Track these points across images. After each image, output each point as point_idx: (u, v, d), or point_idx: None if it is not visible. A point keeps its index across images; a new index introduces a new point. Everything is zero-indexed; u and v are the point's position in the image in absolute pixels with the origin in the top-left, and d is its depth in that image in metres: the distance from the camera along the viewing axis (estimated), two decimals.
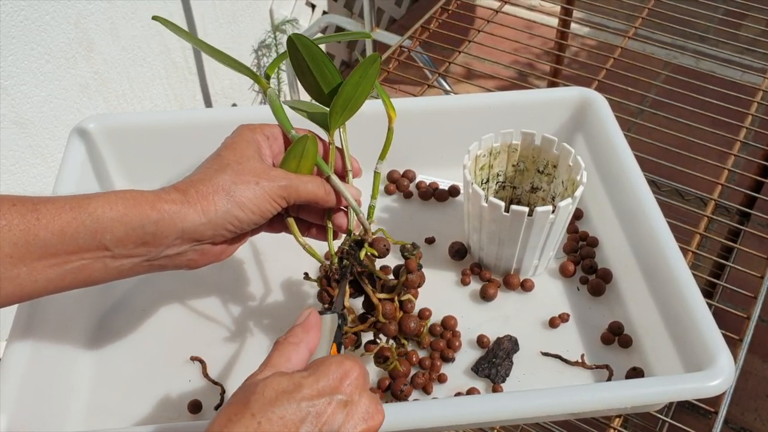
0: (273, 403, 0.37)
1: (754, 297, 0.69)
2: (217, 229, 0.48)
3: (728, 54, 0.99)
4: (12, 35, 1.09)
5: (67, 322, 0.59)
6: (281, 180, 0.50)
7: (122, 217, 0.45)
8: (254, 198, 0.48)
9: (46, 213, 0.43)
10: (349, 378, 0.39)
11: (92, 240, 0.44)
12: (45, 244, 0.43)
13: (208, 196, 0.47)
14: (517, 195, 0.69)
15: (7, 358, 0.52)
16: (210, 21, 1.49)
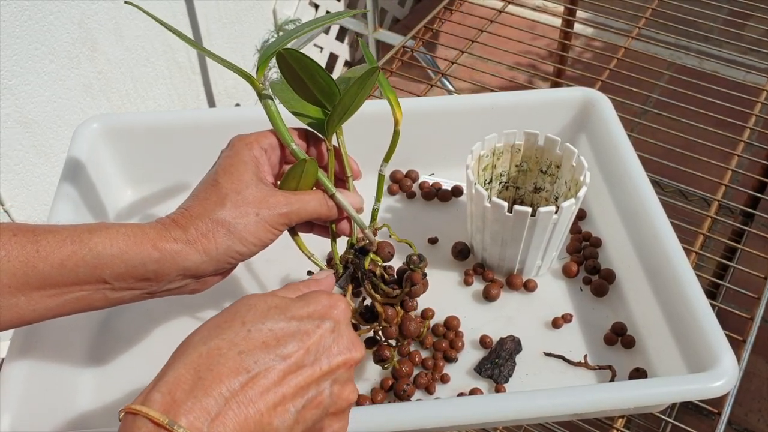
0: (264, 315, 0.38)
1: (758, 298, 0.69)
2: (219, 264, 0.48)
3: (732, 54, 0.99)
4: (16, 35, 1.09)
5: (72, 322, 0.59)
6: (282, 207, 0.49)
7: (123, 254, 0.44)
8: (255, 231, 0.48)
9: (46, 245, 0.43)
10: (336, 308, 0.41)
11: (92, 274, 0.44)
12: (44, 276, 0.43)
13: (209, 234, 0.46)
14: (520, 195, 0.69)
15: (11, 358, 0.52)
16: (213, 21, 1.49)
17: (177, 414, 0.33)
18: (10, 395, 0.50)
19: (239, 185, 0.48)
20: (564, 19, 1.20)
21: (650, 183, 0.63)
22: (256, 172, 0.50)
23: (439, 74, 0.99)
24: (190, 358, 0.36)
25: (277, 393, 0.36)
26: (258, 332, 0.37)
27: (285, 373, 0.37)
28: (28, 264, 0.42)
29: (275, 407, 0.36)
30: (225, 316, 0.38)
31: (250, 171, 0.49)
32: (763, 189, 0.86)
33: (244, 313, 0.38)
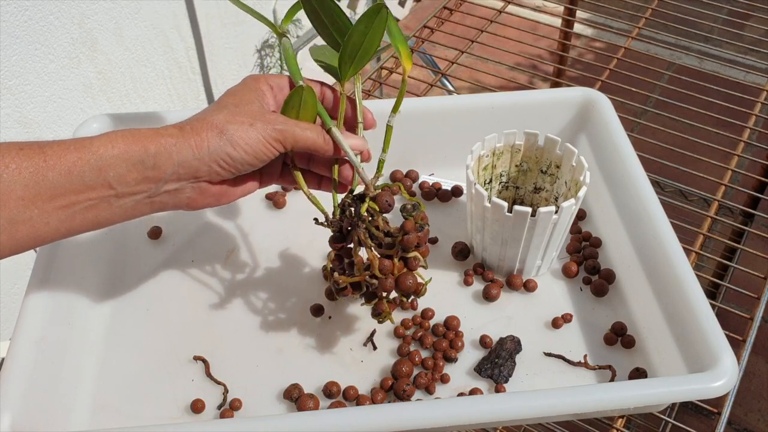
0: None
1: (758, 298, 0.69)
2: (211, 165, 0.49)
3: (732, 54, 0.99)
4: (16, 35, 1.09)
5: (71, 321, 0.59)
6: (277, 123, 0.50)
7: (123, 154, 0.46)
8: (247, 138, 0.49)
9: (53, 154, 0.45)
10: None
11: (97, 178, 0.46)
12: (53, 185, 0.44)
13: (201, 132, 0.48)
14: (520, 195, 0.69)
15: (11, 358, 0.52)
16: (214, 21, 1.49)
17: None
18: (10, 395, 0.50)
19: (240, 101, 0.51)
20: (564, 19, 1.20)
21: (650, 183, 0.63)
22: (259, 98, 0.52)
23: (439, 74, 0.99)
24: None
25: None
26: None
27: None
28: (38, 174, 0.44)
29: None
30: None
31: (254, 95, 0.52)
32: (763, 189, 0.86)
33: None
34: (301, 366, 0.59)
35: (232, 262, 0.67)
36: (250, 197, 0.72)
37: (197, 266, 0.67)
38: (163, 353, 0.60)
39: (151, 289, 0.65)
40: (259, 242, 0.69)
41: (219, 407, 0.56)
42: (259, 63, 1.69)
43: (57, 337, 0.56)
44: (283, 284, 0.65)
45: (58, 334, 0.56)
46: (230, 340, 0.61)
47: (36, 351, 0.53)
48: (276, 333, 0.61)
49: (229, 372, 0.58)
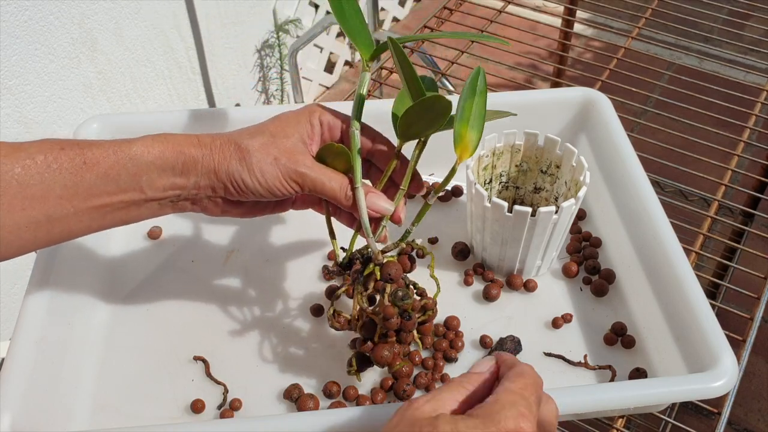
0: None
1: (758, 298, 0.69)
2: (226, 184, 0.50)
3: (732, 54, 0.99)
4: (16, 35, 1.09)
5: (71, 321, 0.59)
6: (302, 167, 0.50)
7: (158, 160, 0.48)
8: (266, 171, 0.50)
9: (92, 157, 0.47)
10: (529, 387, 0.36)
11: (131, 182, 0.48)
12: (90, 186, 0.47)
13: (227, 151, 0.50)
14: (520, 195, 0.69)
15: (11, 358, 0.52)
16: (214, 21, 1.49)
17: None
18: (10, 395, 0.50)
19: (279, 132, 0.51)
20: (564, 19, 1.20)
21: (650, 183, 0.63)
22: (302, 133, 0.52)
23: (439, 74, 0.99)
24: None
25: None
26: None
27: None
28: (77, 175, 0.46)
29: None
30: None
31: (299, 130, 0.52)
32: (763, 189, 0.86)
33: None
34: (301, 366, 0.59)
35: (232, 263, 0.67)
36: None
37: (197, 266, 0.67)
38: (163, 353, 0.60)
39: (151, 289, 0.65)
40: (259, 242, 0.69)
41: (219, 407, 0.56)
42: (259, 63, 1.69)
43: (57, 337, 0.56)
44: (283, 284, 0.65)
45: (58, 334, 0.56)
46: (230, 340, 0.61)
47: (36, 351, 0.53)
48: (276, 333, 0.61)
49: (229, 372, 0.58)
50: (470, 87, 0.52)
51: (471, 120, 0.51)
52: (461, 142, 0.51)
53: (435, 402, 0.36)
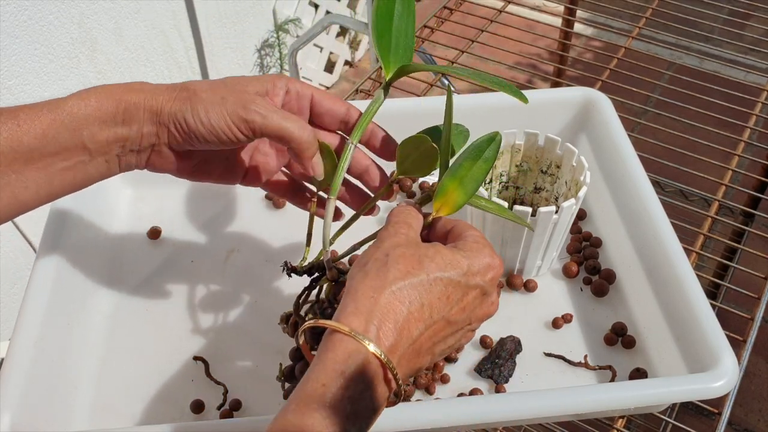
0: (442, 269, 0.42)
1: (758, 298, 0.69)
2: (168, 127, 0.46)
3: (732, 54, 0.99)
4: (15, 35, 1.09)
5: (71, 321, 0.59)
6: (252, 105, 0.46)
7: (96, 112, 0.45)
8: (210, 110, 0.46)
9: (26, 118, 0.44)
10: (493, 270, 0.44)
11: (72, 138, 0.45)
12: (30, 149, 0.44)
13: (173, 94, 0.46)
14: (520, 195, 0.69)
15: (11, 358, 0.52)
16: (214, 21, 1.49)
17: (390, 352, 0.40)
18: (10, 395, 0.50)
19: (240, 80, 0.48)
20: (564, 19, 1.20)
21: (650, 183, 0.63)
22: (262, 87, 0.49)
23: (439, 74, 0.99)
24: (386, 299, 0.40)
25: (435, 342, 0.43)
26: (436, 285, 0.42)
27: (444, 327, 0.43)
28: (13, 139, 0.44)
29: (430, 349, 0.43)
30: (410, 263, 0.42)
31: (259, 83, 0.49)
32: (763, 189, 0.86)
33: (426, 265, 0.42)
34: None
35: (232, 263, 0.67)
36: (250, 197, 0.72)
37: (197, 266, 0.67)
38: (163, 354, 0.60)
39: (151, 289, 0.65)
40: (259, 242, 0.69)
41: (219, 407, 0.56)
42: (259, 62, 1.69)
43: (57, 337, 0.56)
44: (283, 284, 0.65)
45: (58, 334, 0.56)
46: (230, 340, 0.61)
47: (36, 351, 0.53)
48: (276, 333, 0.61)
49: (229, 372, 0.58)
50: (477, 149, 0.48)
51: (464, 180, 0.47)
52: (443, 196, 0.47)
53: (410, 228, 0.45)
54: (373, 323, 0.39)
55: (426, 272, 0.41)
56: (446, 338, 0.44)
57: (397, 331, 0.40)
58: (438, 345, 0.43)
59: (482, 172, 0.48)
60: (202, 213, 0.71)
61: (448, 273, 0.42)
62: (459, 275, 0.42)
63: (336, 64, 1.95)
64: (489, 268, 0.44)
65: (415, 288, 0.41)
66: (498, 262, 0.44)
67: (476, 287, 0.43)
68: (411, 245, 0.43)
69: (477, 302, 0.44)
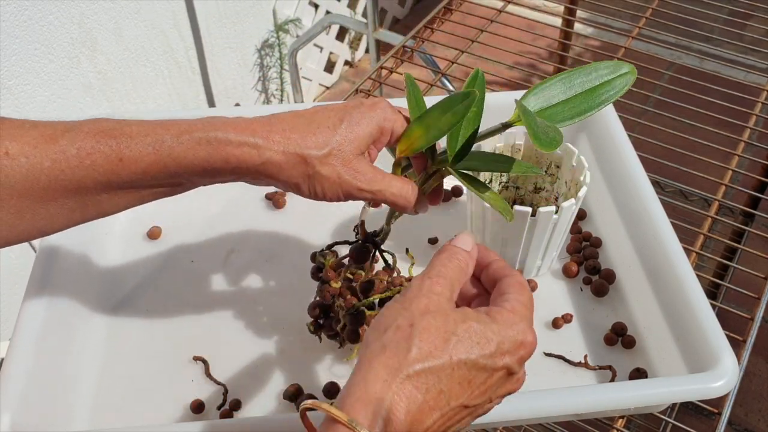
0: (468, 350, 0.38)
1: (758, 298, 0.69)
2: (279, 186, 0.48)
3: (733, 54, 0.99)
4: (15, 35, 1.09)
5: (71, 321, 0.59)
6: (361, 181, 0.47)
7: (203, 163, 0.45)
8: (327, 189, 0.47)
9: (130, 155, 0.44)
10: (525, 348, 0.40)
11: (172, 179, 0.46)
12: (127, 181, 0.45)
13: (290, 162, 0.46)
14: (520, 195, 0.69)
15: (11, 358, 0.52)
16: (213, 21, 1.49)
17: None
18: (10, 395, 0.50)
19: (348, 142, 0.47)
20: (564, 19, 1.20)
21: (650, 183, 0.63)
22: (369, 140, 0.49)
23: (439, 74, 0.99)
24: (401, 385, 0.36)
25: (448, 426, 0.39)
26: (459, 372, 0.38)
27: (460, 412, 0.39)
28: (112, 173, 0.44)
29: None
30: (437, 339, 0.38)
31: (368, 139, 0.48)
32: (763, 189, 0.86)
33: (452, 347, 0.38)
34: (301, 366, 0.59)
35: (232, 263, 0.67)
36: (250, 197, 0.72)
37: (197, 266, 0.66)
38: (163, 354, 0.60)
39: (151, 289, 0.65)
40: (259, 242, 0.68)
41: (219, 407, 0.56)
42: (259, 62, 1.69)
43: (57, 337, 0.56)
44: (283, 284, 0.65)
45: (58, 335, 0.56)
46: (230, 341, 0.61)
47: (36, 351, 0.53)
48: (276, 333, 0.61)
49: (229, 372, 0.58)
50: (450, 101, 0.48)
51: (429, 128, 0.48)
52: (408, 139, 0.49)
53: (449, 287, 0.41)
54: (381, 415, 0.36)
55: (450, 354, 0.37)
56: (461, 420, 0.40)
57: (407, 422, 0.36)
58: (451, 428, 0.39)
59: (448, 124, 0.47)
60: (202, 213, 0.71)
61: (475, 354, 0.38)
62: (486, 357, 0.38)
63: (336, 64, 1.94)
64: (521, 347, 0.40)
65: (435, 373, 0.37)
66: (532, 339, 0.40)
67: (503, 368, 0.39)
68: (441, 314, 0.39)
69: (501, 382, 0.40)
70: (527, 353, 0.40)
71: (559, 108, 0.51)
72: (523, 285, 0.42)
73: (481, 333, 0.38)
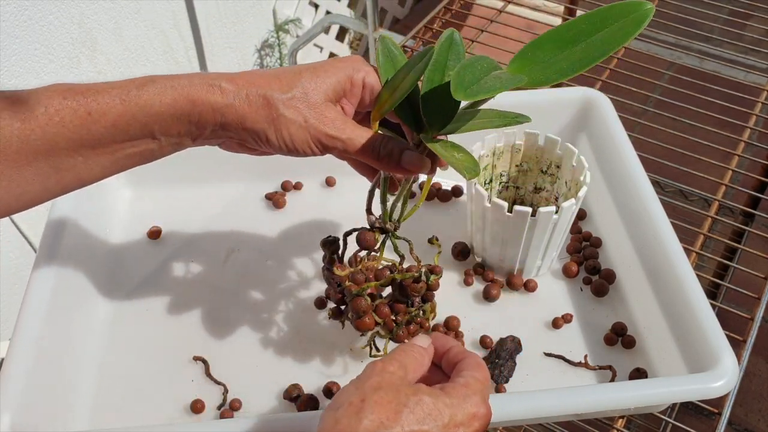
0: (421, 421, 0.38)
1: (758, 298, 0.69)
2: (246, 138, 0.47)
3: (732, 54, 0.99)
4: (15, 35, 1.09)
5: (71, 321, 0.59)
6: (331, 128, 0.47)
7: (170, 109, 0.45)
8: (293, 135, 0.47)
9: (97, 107, 0.44)
10: (478, 420, 0.41)
11: (142, 131, 0.45)
12: (98, 137, 0.44)
13: (253, 106, 0.46)
14: (520, 195, 0.69)
15: (11, 358, 0.52)
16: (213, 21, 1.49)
17: None
18: (10, 395, 0.50)
19: (313, 86, 0.47)
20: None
21: (650, 183, 0.63)
22: (339, 90, 0.48)
23: None
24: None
25: None
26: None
27: None
28: (82, 127, 0.44)
29: None
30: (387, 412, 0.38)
31: (336, 85, 0.48)
32: (763, 189, 0.86)
33: (404, 418, 0.38)
34: (301, 366, 0.59)
35: (232, 262, 0.67)
36: (250, 197, 0.72)
37: (197, 266, 0.67)
38: (163, 353, 0.60)
39: (151, 289, 0.65)
40: (259, 242, 0.69)
41: (219, 407, 0.56)
42: (259, 62, 1.69)
43: (57, 337, 0.56)
44: (283, 284, 0.65)
45: (58, 335, 0.56)
46: (230, 340, 0.61)
47: (36, 351, 0.53)
48: (276, 333, 0.61)
49: (229, 372, 0.58)
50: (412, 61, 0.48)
51: (395, 91, 0.48)
52: (380, 105, 0.49)
53: (402, 369, 0.41)
54: None
55: (401, 425, 0.38)
56: None
57: None
58: None
59: (410, 82, 0.47)
60: (202, 213, 0.71)
61: (427, 426, 0.38)
62: (439, 428, 0.39)
63: None
64: (474, 418, 0.40)
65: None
66: (485, 412, 0.41)
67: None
68: (392, 389, 0.39)
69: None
70: (481, 426, 0.41)
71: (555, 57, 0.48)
72: (480, 364, 0.43)
73: (433, 405, 0.39)
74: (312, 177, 0.74)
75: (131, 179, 0.72)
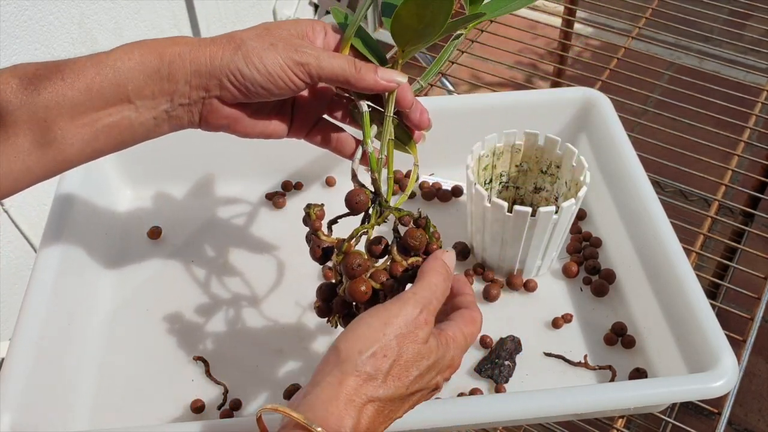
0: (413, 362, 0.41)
1: (758, 298, 0.69)
2: (221, 79, 0.46)
3: (732, 54, 0.99)
4: (15, 35, 1.09)
5: (71, 321, 0.59)
6: (302, 47, 0.47)
7: (139, 65, 0.45)
8: (264, 57, 0.46)
9: (70, 73, 0.44)
10: (453, 369, 0.44)
11: (116, 93, 0.45)
12: (74, 104, 0.44)
13: (219, 44, 0.46)
14: (520, 195, 0.69)
15: (11, 358, 0.52)
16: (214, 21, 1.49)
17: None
18: (10, 395, 0.50)
19: (275, 26, 0.48)
20: (564, 19, 1.20)
21: (650, 183, 0.63)
22: (299, 30, 0.49)
23: (438, 74, 0.99)
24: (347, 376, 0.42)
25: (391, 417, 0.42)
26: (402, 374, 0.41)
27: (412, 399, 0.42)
28: (58, 93, 0.44)
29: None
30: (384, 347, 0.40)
31: (295, 26, 0.49)
32: (763, 189, 0.86)
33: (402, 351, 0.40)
34: (301, 366, 0.59)
35: (232, 263, 0.67)
36: (249, 197, 0.72)
37: (197, 266, 0.67)
38: (163, 353, 0.60)
39: (151, 289, 0.65)
40: (259, 242, 0.69)
41: (219, 407, 0.56)
42: None
43: (57, 337, 0.56)
44: (283, 284, 0.65)
45: (58, 335, 0.56)
46: (230, 340, 0.61)
47: (36, 351, 0.53)
48: (276, 333, 0.61)
49: (229, 372, 0.58)
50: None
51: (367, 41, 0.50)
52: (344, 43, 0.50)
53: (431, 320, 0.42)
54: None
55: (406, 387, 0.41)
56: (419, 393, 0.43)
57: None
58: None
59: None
60: (202, 213, 0.71)
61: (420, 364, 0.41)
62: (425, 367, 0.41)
63: None
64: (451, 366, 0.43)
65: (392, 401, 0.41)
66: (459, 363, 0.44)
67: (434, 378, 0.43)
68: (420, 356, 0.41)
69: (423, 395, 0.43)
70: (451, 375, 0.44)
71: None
72: (473, 320, 0.45)
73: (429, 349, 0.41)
74: (312, 177, 0.74)
75: (131, 179, 0.72)
